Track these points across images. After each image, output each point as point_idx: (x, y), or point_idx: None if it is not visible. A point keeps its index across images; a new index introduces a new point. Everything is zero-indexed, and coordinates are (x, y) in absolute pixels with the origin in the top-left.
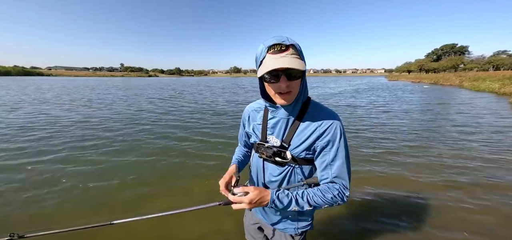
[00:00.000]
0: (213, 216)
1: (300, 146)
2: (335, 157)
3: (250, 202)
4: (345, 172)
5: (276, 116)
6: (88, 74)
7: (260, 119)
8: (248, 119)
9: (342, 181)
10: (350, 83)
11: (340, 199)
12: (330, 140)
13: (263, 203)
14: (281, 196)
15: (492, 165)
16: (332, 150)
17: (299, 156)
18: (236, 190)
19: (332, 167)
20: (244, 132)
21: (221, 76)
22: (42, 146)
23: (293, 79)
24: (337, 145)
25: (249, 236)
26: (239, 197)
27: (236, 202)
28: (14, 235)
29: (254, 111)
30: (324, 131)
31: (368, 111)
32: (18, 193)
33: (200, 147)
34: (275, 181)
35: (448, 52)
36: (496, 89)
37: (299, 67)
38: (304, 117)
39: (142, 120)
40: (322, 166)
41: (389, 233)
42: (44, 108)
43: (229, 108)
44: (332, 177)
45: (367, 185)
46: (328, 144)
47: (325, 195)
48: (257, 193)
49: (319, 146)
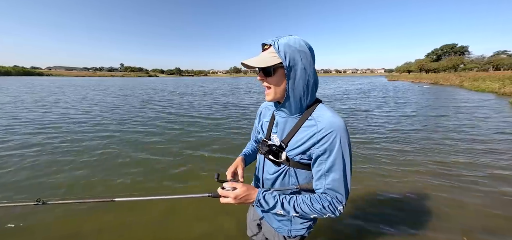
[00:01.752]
0: (214, 215)
1: (296, 149)
2: (331, 168)
3: (235, 198)
4: (341, 186)
5: (278, 116)
6: (88, 74)
7: (269, 116)
8: (260, 115)
9: (336, 194)
10: (354, 84)
11: (331, 212)
12: (327, 149)
13: (248, 200)
14: (268, 197)
15: (495, 168)
16: (328, 160)
17: (294, 158)
18: (225, 184)
19: (327, 178)
20: (255, 127)
21: (221, 76)
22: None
23: (267, 75)
24: (334, 156)
25: (250, 232)
26: (226, 192)
27: (222, 196)
28: (39, 201)
29: (266, 108)
30: (322, 139)
31: (370, 114)
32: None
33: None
34: (270, 179)
35: (448, 52)
36: (496, 89)
37: (265, 64)
38: (307, 120)
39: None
40: (317, 175)
41: (389, 233)
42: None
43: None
44: (325, 188)
45: (367, 185)
46: (325, 153)
47: (314, 205)
48: (244, 190)
49: (315, 154)
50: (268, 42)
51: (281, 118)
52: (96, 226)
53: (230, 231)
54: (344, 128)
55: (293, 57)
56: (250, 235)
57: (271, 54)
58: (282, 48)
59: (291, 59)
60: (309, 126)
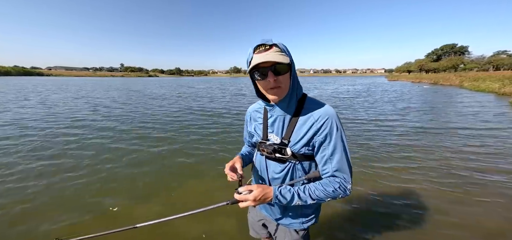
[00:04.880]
0: (216, 215)
1: (299, 142)
2: (334, 151)
3: (254, 199)
4: (345, 165)
5: (274, 115)
6: (88, 74)
7: (261, 118)
8: (250, 120)
9: (343, 174)
10: (354, 83)
11: (342, 191)
12: (327, 134)
13: (267, 199)
14: (284, 192)
15: (494, 167)
16: (330, 144)
17: (299, 152)
18: (241, 189)
19: (332, 161)
20: (247, 132)
21: (221, 76)
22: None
23: (279, 74)
24: (335, 140)
25: (253, 233)
26: (245, 195)
27: (242, 200)
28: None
29: (255, 111)
30: (321, 126)
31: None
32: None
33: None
34: (278, 178)
35: (448, 52)
36: (496, 89)
37: (283, 61)
38: (301, 113)
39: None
40: (322, 161)
41: (389, 232)
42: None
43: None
44: (333, 171)
45: (368, 185)
46: (326, 139)
47: (326, 189)
48: (260, 190)
49: (317, 142)
50: (268, 42)
51: (278, 115)
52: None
53: (233, 230)
54: (336, 113)
55: (291, 56)
56: (254, 235)
57: (279, 54)
58: (285, 49)
59: (290, 58)
60: (305, 118)
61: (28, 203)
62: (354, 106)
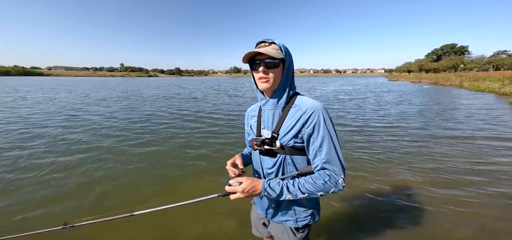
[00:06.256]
0: (215, 214)
1: (288, 134)
2: (323, 143)
3: (243, 191)
4: (335, 157)
5: (266, 109)
6: (88, 74)
7: (255, 117)
8: (248, 118)
9: (333, 166)
10: (352, 83)
11: (333, 185)
12: (315, 125)
13: (256, 191)
14: (273, 184)
15: (494, 167)
16: (319, 136)
17: (288, 144)
18: (231, 181)
19: (322, 153)
20: (246, 132)
21: (221, 76)
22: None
23: (270, 68)
24: (323, 131)
25: (255, 231)
26: (233, 187)
27: (232, 192)
28: (67, 225)
29: (252, 111)
30: (309, 118)
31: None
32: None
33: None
34: (271, 173)
35: (448, 52)
36: (496, 89)
37: (276, 55)
38: (291, 108)
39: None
40: (312, 154)
41: (389, 232)
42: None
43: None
44: (322, 163)
45: (368, 185)
46: (314, 130)
47: (316, 182)
48: (249, 182)
49: (306, 133)
50: (268, 40)
51: (269, 110)
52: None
53: (233, 229)
54: (324, 107)
55: (289, 56)
56: (256, 234)
57: (275, 50)
58: (282, 47)
59: (288, 57)
60: (294, 111)
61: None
62: (361, 106)
